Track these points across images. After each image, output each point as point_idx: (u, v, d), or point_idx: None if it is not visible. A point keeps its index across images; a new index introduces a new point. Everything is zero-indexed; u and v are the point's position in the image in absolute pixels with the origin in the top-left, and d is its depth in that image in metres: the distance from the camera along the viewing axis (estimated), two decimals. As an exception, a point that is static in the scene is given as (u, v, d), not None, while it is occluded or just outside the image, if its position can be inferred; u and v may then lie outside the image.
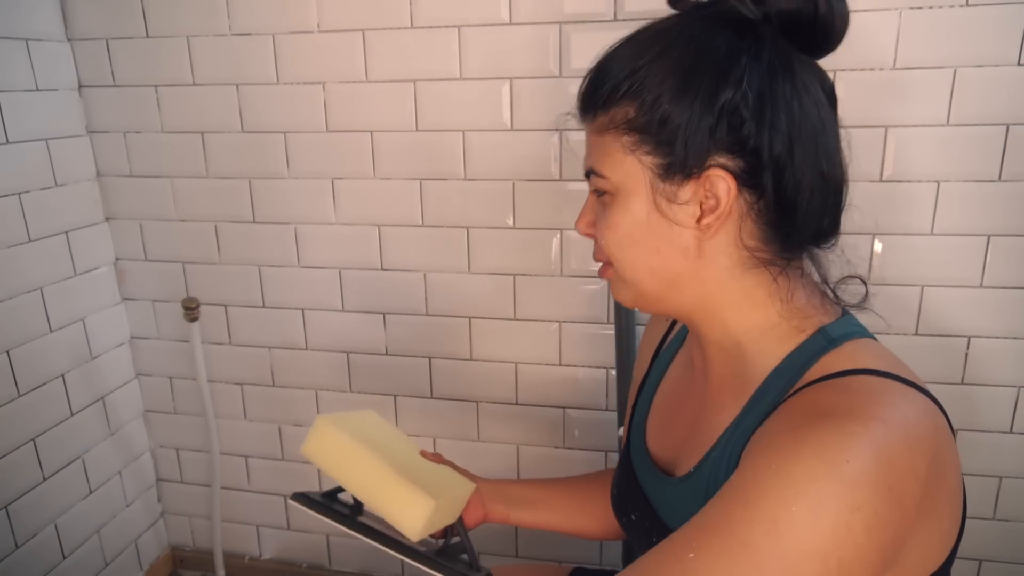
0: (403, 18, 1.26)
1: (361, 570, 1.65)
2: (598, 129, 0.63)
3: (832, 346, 0.61)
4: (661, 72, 0.59)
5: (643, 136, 0.60)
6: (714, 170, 0.59)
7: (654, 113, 0.59)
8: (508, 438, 1.46)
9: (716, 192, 0.60)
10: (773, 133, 0.59)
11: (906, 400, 0.55)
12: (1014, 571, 1.29)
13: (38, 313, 1.36)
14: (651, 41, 0.61)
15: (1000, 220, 1.14)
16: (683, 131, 0.59)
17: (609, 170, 0.63)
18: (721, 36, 0.60)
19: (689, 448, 0.72)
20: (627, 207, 0.63)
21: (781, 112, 0.59)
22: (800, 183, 0.61)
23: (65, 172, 1.41)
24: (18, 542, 1.34)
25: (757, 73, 0.59)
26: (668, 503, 0.73)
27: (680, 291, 0.65)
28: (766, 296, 0.65)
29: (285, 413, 1.56)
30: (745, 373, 0.66)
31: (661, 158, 0.60)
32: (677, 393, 0.79)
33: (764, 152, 0.59)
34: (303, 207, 1.41)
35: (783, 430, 0.55)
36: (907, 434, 0.52)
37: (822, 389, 0.57)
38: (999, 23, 1.06)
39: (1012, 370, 1.20)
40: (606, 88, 0.62)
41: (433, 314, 1.41)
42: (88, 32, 1.39)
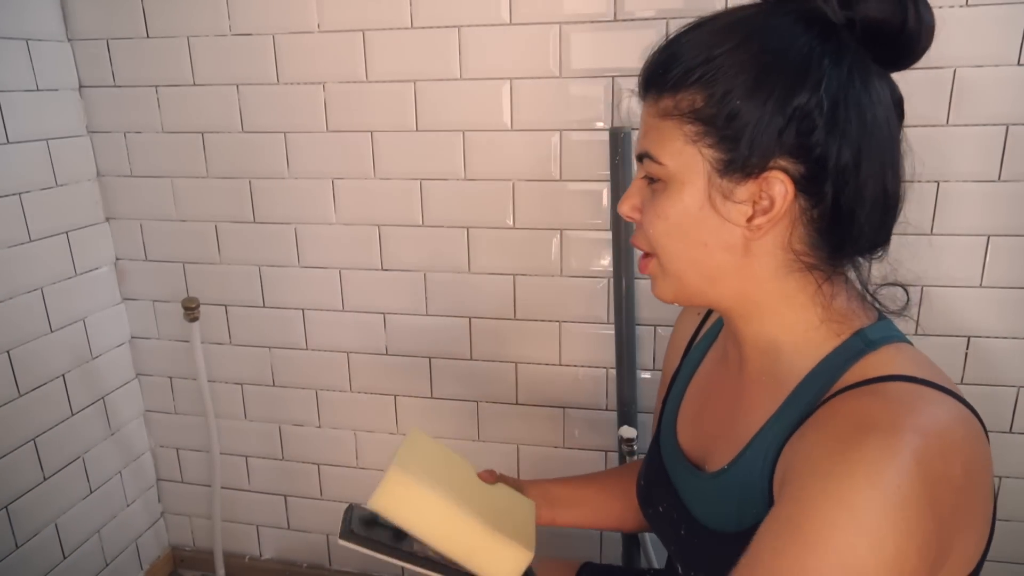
0: (403, 18, 1.26)
1: (361, 570, 1.65)
2: (661, 112, 0.61)
3: (870, 349, 0.61)
4: (736, 64, 0.57)
5: (708, 128, 0.59)
6: (774, 172, 0.58)
7: (723, 106, 0.57)
8: (508, 438, 1.46)
9: (772, 194, 0.58)
10: (843, 142, 0.57)
11: (940, 407, 0.55)
12: (1014, 571, 1.29)
13: (38, 313, 1.36)
14: (729, 29, 0.59)
15: (1000, 220, 1.14)
16: (751, 129, 0.57)
17: (667, 157, 0.61)
18: (803, 36, 0.58)
19: (722, 444, 0.71)
20: (680, 197, 0.61)
21: (853, 122, 0.58)
22: (862, 195, 0.60)
23: (65, 172, 1.41)
24: (18, 542, 1.34)
25: (836, 79, 0.57)
26: (698, 497, 0.73)
27: (721, 287, 0.64)
28: (807, 300, 0.64)
29: (285, 413, 1.56)
30: (781, 373, 0.66)
31: (723, 153, 0.59)
32: (710, 388, 0.78)
33: (830, 161, 0.58)
34: (303, 207, 1.41)
35: (829, 448, 0.54)
36: (941, 442, 0.52)
37: (860, 396, 0.57)
38: (999, 23, 1.06)
39: (1012, 370, 1.20)
40: (676, 71, 0.59)
41: (433, 314, 1.41)
42: (88, 32, 1.39)
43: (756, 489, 0.64)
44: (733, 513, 0.67)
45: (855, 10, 0.58)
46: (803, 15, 0.59)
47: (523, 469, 1.47)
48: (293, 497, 1.63)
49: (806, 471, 0.54)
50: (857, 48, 0.59)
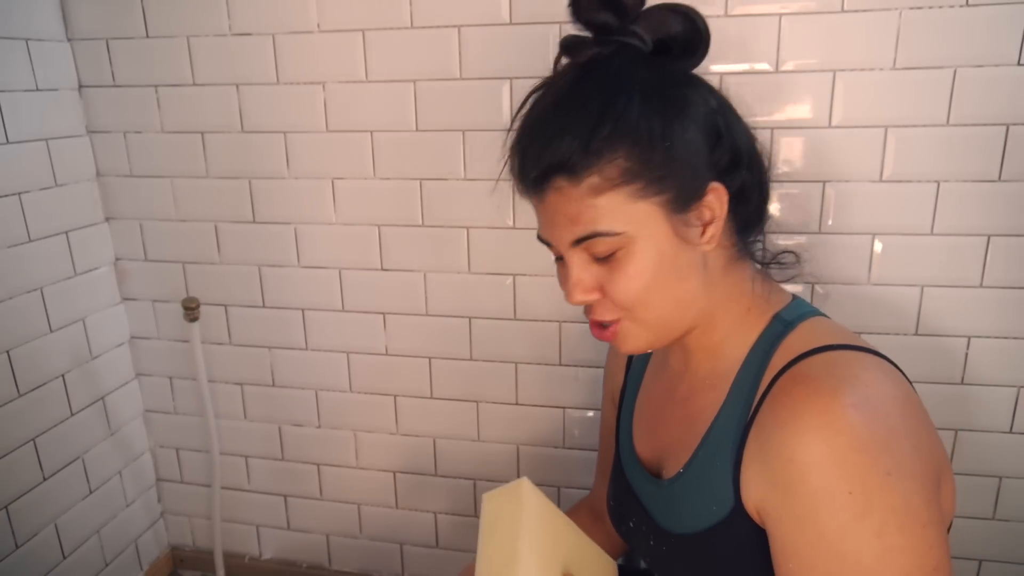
0: (403, 18, 1.26)
1: (361, 570, 1.65)
2: (589, 192, 0.62)
3: (789, 329, 0.66)
4: (635, 119, 0.61)
5: (647, 180, 0.61)
6: (711, 185, 0.64)
7: (652, 155, 0.61)
8: (508, 438, 1.46)
9: (711, 204, 0.64)
10: (738, 134, 0.66)
11: (862, 367, 0.60)
12: (1014, 571, 1.29)
13: (38, 313, 1.36)
14: (591, 98, 0.62)
15: (1000, 220, 1.14)
16: (685, 161, 0.62)
17: (621, 224, 0.62)
18: (659, 69, 0.65)
19: (677, 449, 0.74)
20: (649, 250, 0.63)
21: (731, 112, 0.67)
22: (761, 166, 0.68)
23: (65, 172, 1.41)
24: (18, 542, 1.34)
25: (706, 89, 0.66)
26: (661, 505, 0.75)
27: (692, 311, 0.68)
28: (741, 290, 0.70)
29: (285, 413, 1.56)
30: (720, 369, 0.70)
31: (670, 192, 0.62)
32: (657, 398, 0.81)
33: (741, 154, 0.65)
34: (303, 207, 1.41)
35: (784, 457, 0.58)
36: (872, 404, 0.57)
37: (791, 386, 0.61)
38: (999, 23, 1.06)
39: (1012, 370, 1.20)
40: (579, 154, 0.61)
41: (433, 314, 1.41)
42: (88, 32, 1.39)
43: (717, 485, 0.66)
44: (694, 514, 0.69)
45: (662, 34, 0.66)
46: (635, 55, 0.65)
47: (523, 469, 1.47)
48: (293, 497, 1.63)
49: (783, 495, 0.59)
50: (671, 62, 0.67)
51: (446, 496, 1.53)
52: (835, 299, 1.22)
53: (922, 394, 1.23)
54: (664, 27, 0.65)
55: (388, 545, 1.61)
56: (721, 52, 1.15)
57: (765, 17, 1.12)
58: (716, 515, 0.66)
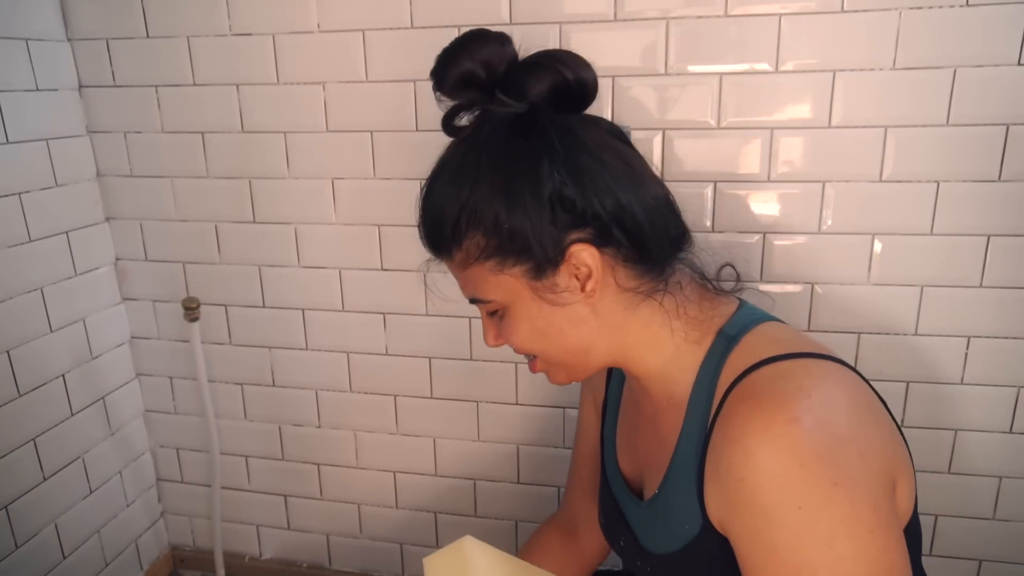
0: (403, 18, 1.26)
1: (361, 570, 1.65)
2: (460, 265, 0.70)
3: (733, 344, 0.67)
4: (486, 197, 0.65)
5: (502, 255, 0.66)
6: (574, 247, 0.65)
7: (500, 233, 0.65)
8: (508, 438, 1.46)
9: (584, 262, 0.66)
10: (599, 195, 0.65)
11: (805, 376, 0.61)
12: (1014, 571, 1.29)
13: (38, 313, 1.36)
14: (460, 175, 0.67)
15: (1000, 220, 1.14)
16: (532, 234, 0.65)
17: (490, 294, 0.69)
18: (513, 144, 0.66)
19: (652, 470, 0.76)
20: (520, 313, 0.69)
21: (593, 175, 0.66)
22: (638, 218, 0.67)
23: (65, 172, 1.41)
24: (18, 542, 1.34)
25: (559, 158, 0.65)
26: (643, 525, 0.78)
27: (597, 352, 0.72)
28: (662, 321, 0.71)
29: (285, 413, 1.56)
30: (675, 393, 0.71)
31: (526, 263, 0.66)
32: (635, 416, 0.83)
33: (602, 213, 0.65)
34: (303, 207, 1.41)
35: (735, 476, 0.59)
36: (813, 414, 0.58)
37: (735, 406, 0.62)
38: (999, 23, 1.06)
39: (1012, 370, 1.20)
40: (447, 232, 0.68)
41: (433, 314, 1.41)
42: (88, 32, 1.39)
43: (686, 509, 0.68)
44: (669, 534, 0.71)
45: (528, 95, 0.68)
46: (499, 127, 0.67)
47: (523, 469, 1.47)
48: (293, 497, 1.63)
49: (737, 515, 0.60)
50: (552, 116, 0.68)
51: (446, 496, 1.53)
52: (835, 299, 1.22)
53: (922, 394, 1.24)
54: (528, 89, 0.68)
55: (388, 545, 1.61)
56: (721, 52, 1.15)
57: (765, 17, 1.12)
58: (689, 534, 0.68)
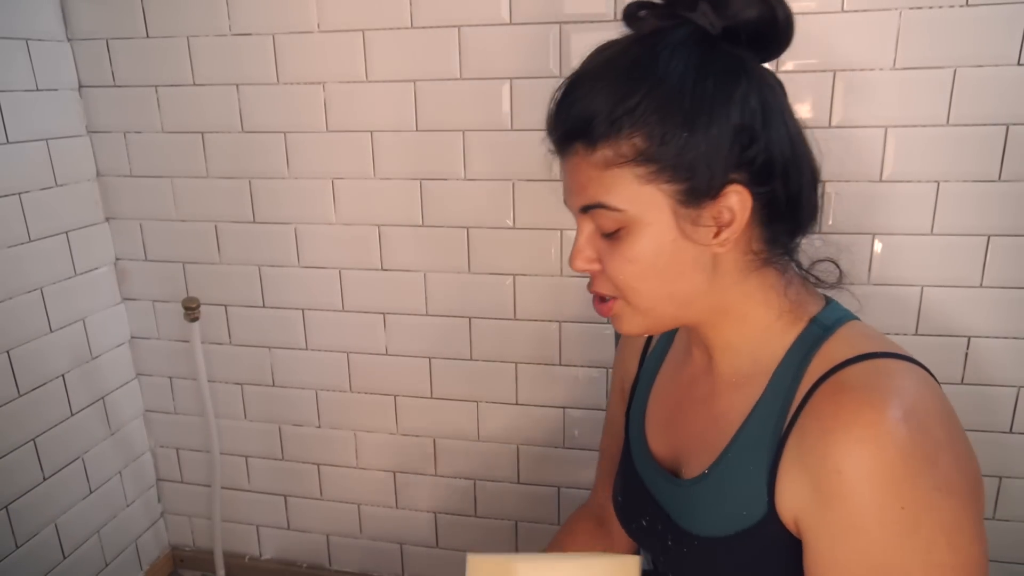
0: (403, 18, 1.26)
1: (361, 570, 1.65)
2: (601, 163, 0.61)
3: (828, 334, 0.64)
4: (663, 101, 0.59)
5: (660, 165, 0.59)
6: (731, 186, 0.60)
7: (670, 142, 0.59)
8: (508, 438, 1.46)
9: (732, 206, 0.60)
10: (779, 140, 0.61)
11: (904, 377, 0.59)
12: (1014, 571, 1.29)
13: (38, 313, 1.36)
14: (636, 71, 0.60)
15: (1000, 220, 1.14)
16: (704, 157, 0.59)
17: (625, 202, 0.61)
18: (710, 57, 0.60)
19: (699, 449, 0.72)
20: (649, 237, 0.62)
21: (777, 118, 0.62)
22: (803, 179, 0.63)
23: (65, 172, 1.41)
24: (18, 542, 1.34)
25: (754, 88, 0.61)
26: (681, 505, 0.73)
27: (693, 307, 0.66)
28: (766, 295, 0.67)
29: (285, 413, 1.56)
30: (749, 371, 0.68)
31: (682, 183, 0.60)
32: (677, 393, 0.79)
33: (776, 160, 0.61)
34: (303, 207, 1.41)
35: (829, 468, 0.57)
36: (918, 415, 0.56)
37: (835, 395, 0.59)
38: (999, 23, 1.06)
39: (1012, 370, 1.20)
40: (600, 124, 0.60)
41: (433, 314, 1.41)
42: (88, 32, 1.39)
43: (748, 492, 0.64)
44: (720, 517, 0.67)
45: (733, 17, 0.61)
46: (691, 36, 0.61)
47: (523, 469, 1.47)
48: (293, 497, 1.63)
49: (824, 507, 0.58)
50: (741, 51, 0.62)
51: (446, 496, 1.53)
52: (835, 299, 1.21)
53: (922, 394, 1.24)
54: (735, 11, 0.61)
55: (388, 545, 1.61)
56: (721, 52, 1.15)
57: (765, 17, 1.12)
58: (746, 520, 0.65)
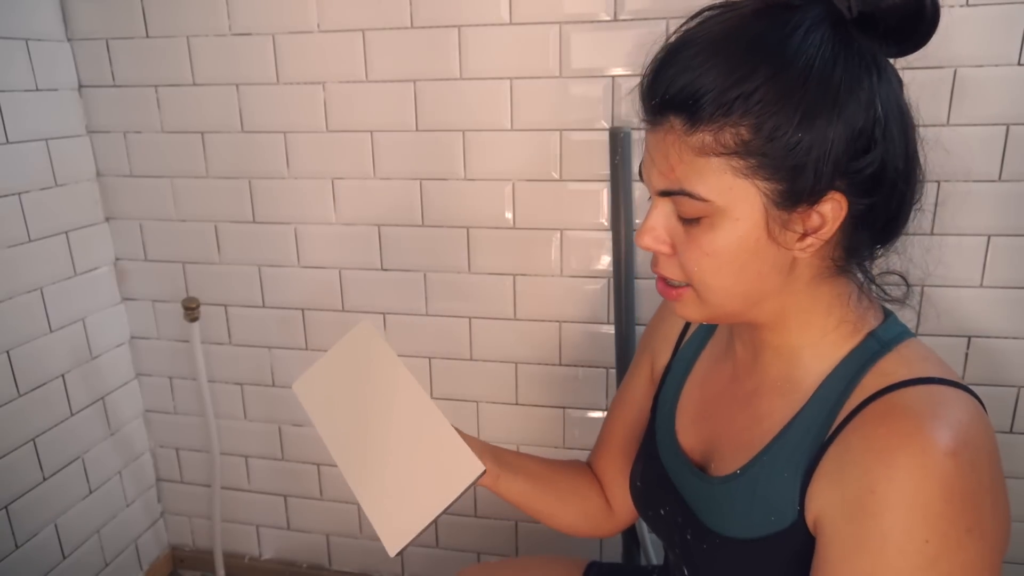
0: (403, 18, 1.26)
1: (361, 570, 1.65)
2: (696, 148, 0.56)
3: (885, 351, 0.61)
4: (783, 92, 0.53)
5: (763, 161, 0.55)
6: (832, 193, 0.56)
7: (779, 139, 0.54)
8: (508, 438, 1.46)
9: (824, 213, 0.56)
10: (894, 151, 0.56)
11: (959, 408, 0.56)
12: (1014, 571, 1.29)
13: (38, 313, 1.36)
14: (757, 50, 0.54)
15: (1000, 220, 1.14)
16: (813, 160, 0.54)
17: (714, 193, 0.56)
18: (843, 50, 0.55)
19: (731, 447, 0.70)
20: (733, 232, 0.57)
21: (897, 126, 0.57)
22: (910, 194, 0.59)
23: (65, 172, 1.41)
24: (18, 542, 1.34)
25: (884, 89, 0.56)
26: (706, 502, 0.71)
27: (760, 308, 0.63)
28: (831, 303, 0.64)
29: (285, 413, 1.56)
30: (797, 376, 0.65)
31: (781, 184, 0.55)
32: (714, 388, 0.76)
33: (887, 173, 0.56)
34: (303, 207, 1.41)
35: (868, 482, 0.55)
36: (969, 451, 0.54)
37: (886, 417, 0.57)
38: (999, 23, 1.06)
39: (1012, 370, 1.20)
40: (708, 103, 0.54)
41: (433, 314, 1.41)
42: (88, 32, 1.39)
43: (779, 497, 0.63)
44: (747, 519, 0.66)
45: (874, 3, 0.55)
46: (825, 20, 0.55)
47: (523, 469, 1.47)
48: (293, 497, 1.63)
49: (851, 517, 0.56)
50: (873, 42, 0.56)
51: (446, 496, 1.53)
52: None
53: (922, 394, 1.24)
54: None
55: (388, 545, 1.61)
56: (721, 52, 1.15)
57: (765, 17, 1.12)
58: (774, 525, 0.63)
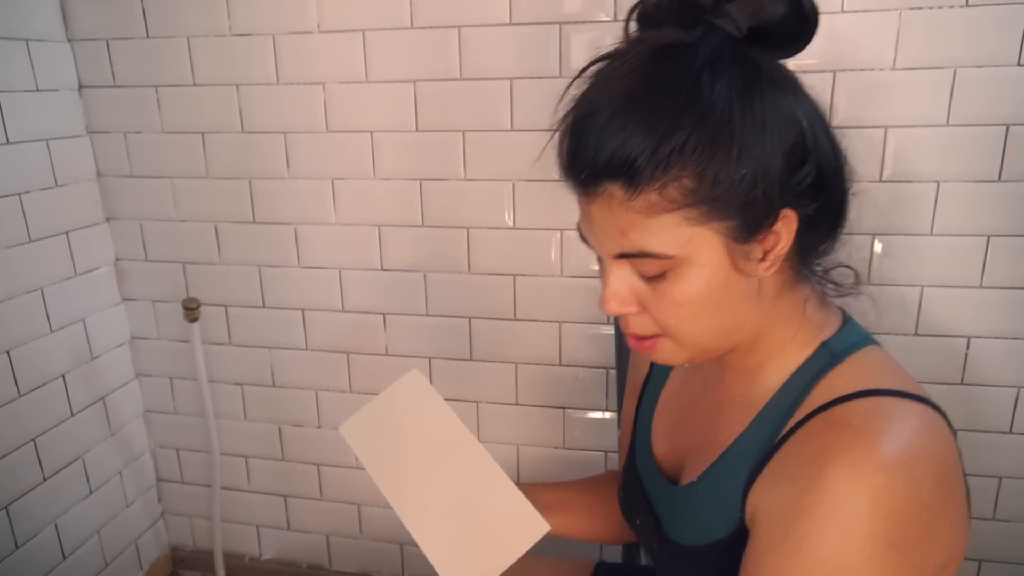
0: (403, 18, 1.26)
1: (361, 570, 1.65)
2: (643, 209, 0.55)
3: (836, 362, 0.61)
4: (714, 134, 0.53)
5: (714, 205, 0.54)
6: (782, 211, 0.56)
7: (723, 181, 0.53)
8: (508, 438, 1.46)
9: (779, 231, 0.57)
10: (826, 151, 0.58)
11: (905, 421, 0.55)
12: (1014, 571, 1.29)
13: (38, 313, 1.36)
14: (675, 96, 0.54)
15: (1000, 220, 1.14)
16: (761, 189, 0.54)
17: (674, 248, 0.56)
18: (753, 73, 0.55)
19: (696, 458, 0.71)
20: (701, 278, 0.57)
21: (820, 128, 0.58)
22: (845, 182, 0.60)
23: (65, 172, 1.41)
24: (18, 542, 1.34)
25: (802, 99, 0.57)
26: (669, 510, 0.73)
27: (736, 336, 0.63)
28: (791, 312, 0.64)
29: (285, 413, 1.56)
30: (755, 391, 0.66)
31: (736, 220, 0.55)
32: (683, 400, 0.78)
33: (825, 173, 0.57)
34: (303, 207, 1.41)
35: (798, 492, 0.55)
36: (907, 468, 0.53)
37: (825, 430, 0.56)
38: (999, 23, 1.06)
39: (1012, 370, 1.20)
40: (643, 165, 0.53)
41: (433, 314, 1.41)
42: (88, 32, 1.39)
43: (724, 506, 0.64)
44: (697, 527, 0.67)
45: (759, 17, 0.56)
46: (726, 46, 0.55)
47: (523, 469, 1.47)
48: (293, 497, 1.63)
49: (778, 518, 0.56)
50: (768, 53, 0.58)
51: (446, 496, 1.53)
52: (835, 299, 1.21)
53: (922, 394, 1.24)
54: (764, 10, 0.55)
55: (388, 545, 1.61)
56: (721, 52, 1.15)
57: (765, 17, 1.12)
58: (719, 532, 0.64)
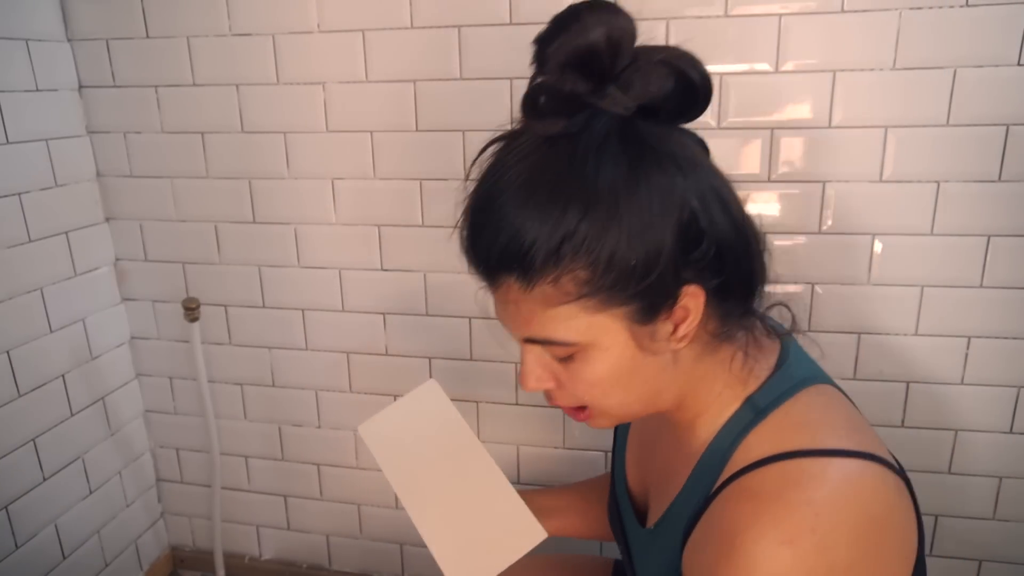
0: (403, 18, 1.26)
1: (361, 570, 1.65)
2: (542, 302, 0.56)
3: (758, 419, 0.60)
4: (603, 222, 0.53)
5: (610, 292, 0.55)
6: (685, 288, 0.56)
7: (616, 268, 0.53)
8: (508, 438, 1.46)
9: (686, 306, 0.57)
10: (723, 226, 0.57)
11: (820, 484, 0.53)
12: (1014, 571, 1.29)
13: (38, 313, 1.36)
14: (563, 190, 0.54)
15: (1000, 220, 1.14)
16: (656, 272, 0.54)
17: (575, 335, 0.57)
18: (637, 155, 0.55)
19: (657, 499, 0.72)
20: (607, 360, 0.58)
21: (716, 203, 0.56)
22: (749, 250, 0.60)
23: (65, 172, 1.41)
24: (18, 542, 1.34)
25: (690, 176, 0.55)
26: (638, 550, 0.75)
27: (660, 400, 0.64)
28: (715, 372, 0.63)
29: (285, 413, 1.56)
30: (693, 443, 0.66)
31: (635, 303, 0.56)
32: (645, 438, 0.79)
33: (725, 248, 0.57)
34: (303, 207, 1.41)
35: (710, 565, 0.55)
36: (815, 538, 0.51)
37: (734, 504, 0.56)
38: (999, 23, 1.06)
39: (1012, 370, 1.20)
40: (536, 257, 0.54)
41: (433, 314, 1.41)
42: (88, 32, 1.39)
43: (672, 556, 0.64)
44: (659, 573, 0.67)
45: (644, 96, 0.56)
46: (611, 131, 0.55)
47: (523, 469, 1.47)
48: (293, 497, 1.63)
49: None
50: (661, 125, 0.57)
51: (446, 496, 1.53)
52: (835, 299, 1.22)
53: (923, 395, 1.24)
54: (649, 88, 0.55)
55: (388, 545, 1.61)
56: (721, 52, 1.15)
57: (765, 17, 1.12)
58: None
